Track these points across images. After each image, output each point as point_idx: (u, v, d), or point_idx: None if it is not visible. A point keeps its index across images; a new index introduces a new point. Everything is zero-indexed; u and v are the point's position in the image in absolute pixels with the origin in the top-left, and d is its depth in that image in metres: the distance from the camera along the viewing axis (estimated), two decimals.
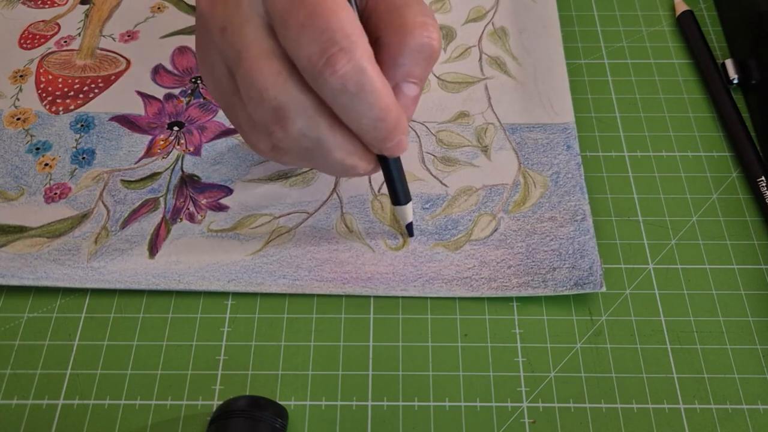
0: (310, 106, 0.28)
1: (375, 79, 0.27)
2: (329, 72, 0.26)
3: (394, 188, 0.33)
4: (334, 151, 0.29)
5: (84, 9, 0.45)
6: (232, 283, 0.34)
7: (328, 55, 0.26)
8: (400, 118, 0.28)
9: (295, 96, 0.27)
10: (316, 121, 0.28)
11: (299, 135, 0.28)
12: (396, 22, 0.29)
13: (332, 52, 0.26)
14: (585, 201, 0.36)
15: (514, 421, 0.31)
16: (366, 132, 0.28)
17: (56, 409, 0.31)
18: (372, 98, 0.27)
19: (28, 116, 0.40)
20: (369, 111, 0.27)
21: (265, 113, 0.28)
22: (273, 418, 0.29)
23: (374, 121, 0.28)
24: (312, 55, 0.26)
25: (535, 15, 0.44)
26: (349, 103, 0.27)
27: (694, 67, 0.43)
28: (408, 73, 0.29)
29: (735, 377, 0.32)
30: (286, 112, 0.27)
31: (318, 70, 0.26)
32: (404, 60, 0.29)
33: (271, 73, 0.27)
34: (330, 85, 0.26)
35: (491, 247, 0.35)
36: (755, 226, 0.36)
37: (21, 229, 0.36)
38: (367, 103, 0.27)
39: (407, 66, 0.29)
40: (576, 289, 0.34)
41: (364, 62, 0.26)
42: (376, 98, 0.27)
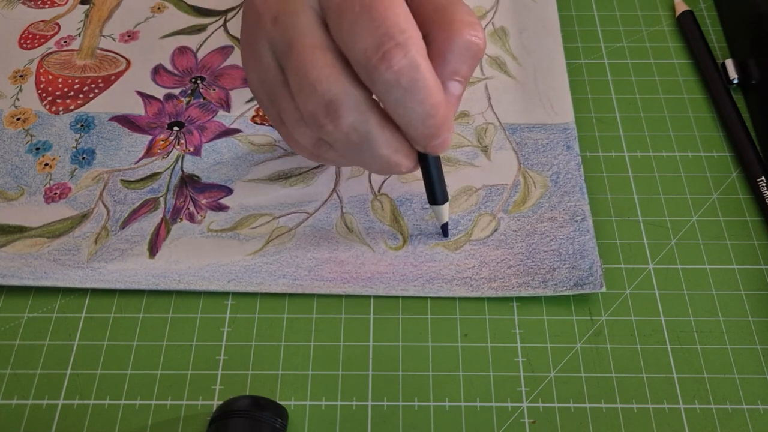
0: (362, 101, 0.28)
1: (428, 76, 0.27)
2: (384, 66, 0.26)
3: (433, 187, 0.33)
4: (381, 147, 0.29)
5: (84, 9, 0.45)
6: (232, 283, 0.34)
7: (384, 50, 0.26)
8: (448, 115, 0.28)
9: (347, 89, 0.27)
10: (367, 116, 0.28)
11: (350, 129, 0.28)
12: (444, 19, 0.29)
13: (388, 47, 0.26)
14: (585, 201, 0.36)
15: (514, 421, 0.31)
16: (414, 128, 0.28)
17: (56, 409, 0.31)
18: (423, 94, 0.27)
19: (28, 116, 0.40)
20: (419, 107, 0.27)
21: (316, 106, 0.28)
22: (273, 418, 0.29)
23: (424, 117, 0.27)
24: (367, 48, 0.26)
25: (535, 15, 0.44)
26: (402, 98, 0.27)
27: (694, 67, 0.43)
28: (454, 70, 0.29)
29: (735, 377, 0.32)
30: (339, 105, 0.27)
31: (373, 64, 0.26)
32: (451, 57, 0.29)
33: (325, 65, 0.27)
34: (384, 80, 0.26)
35: (491, 247, 0.35)
36: (755, 226, 0.36)
37: (21, 229, 0.36)
38: (418, 99, 0.27)
39: (454, 63, 0.29)
40: (576, 290, 0.34)
41: (418, 58, 0.26)
42: (427, 94, 0.27)
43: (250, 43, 0.30)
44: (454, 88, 0.29)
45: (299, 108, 0.28)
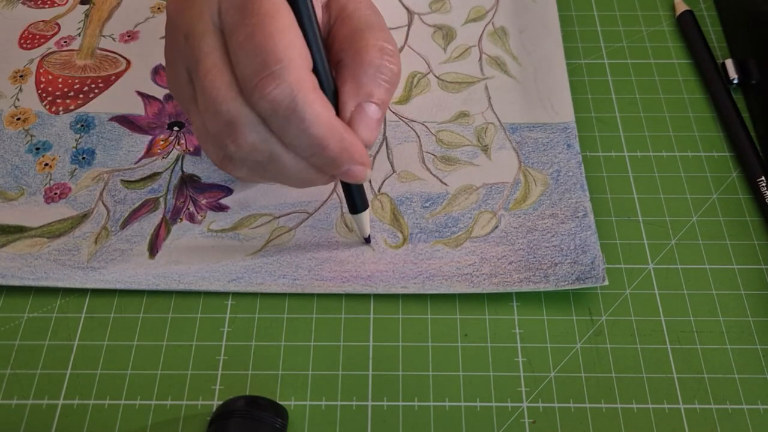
0: (261, 121, 0.28)
1: (308, 106, 0.26)
2: (257, 95, 0.26)
3: (352, 196, 0.33)
4: (288, 165, 0.29)
5: (84, 9, 0.45)
6: (232, 283, 0.34)
7: (258, 79, 0.26)
8: (347, 146, 0.28)
9: (245, 110, 0.27)
10: (267, 136, 0.28)
11: (251, 149, 0.28)
12: (358, 43, 0.29)
13: (262, 76, 0.26)
14: (586, 198, 0.36)
15: (514, 421, 0.31)
16: (306, 157, 0.28)
17: (56, 409, 0.31)
18: (304, 124, 0.27)
19: (28, 116, 0.40)
20: (302, 137, 0.27)
21: (218, 125, 0.28)
22: (273, 418, 0.29)
23: (311, 147, 0.28)
24: (245, 76, 0.26)
25: (535, 15, 0.44)
26: (283, 126, 0.27)
27: (694, 67, 0.43)
28: (369, 93, 0.29)
29: (735, 377, 0.32)
30: (237, 125, 0.27)
31: (250, 92, 0.26)
32: (365, 80, 0.29)
33: (223, 84, 0.27)
34: (261, 108, 0.27)
35: (492, 243, 0.35)
36: (755, 226, 0.36)
37: (21, 229, 0.36)
38: (299, 129, 0.27)
39: (368, 86, 0.29)
40: (578, 284, 0.33)
41: (295, 87, 0.26)
42: (308, 125, 0.27)
43: (169, 58, 0.30)
44: (370, 111, 0.29)
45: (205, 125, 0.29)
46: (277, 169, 0.29)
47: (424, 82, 0.41)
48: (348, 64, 0.29)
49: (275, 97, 0.26)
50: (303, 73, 0.27)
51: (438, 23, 0.44)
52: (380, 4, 0.32)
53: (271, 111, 0.26)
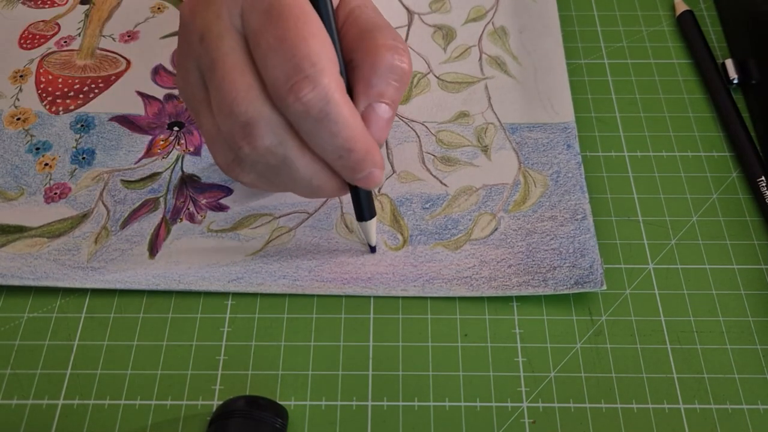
0: (279, 124, 0.28)
1: (340, 109, 0.27)
2: (292, 98, 0.26)
3: (360, 204, 0.33)
4: (300, 170, 0.29)
5: (84, 9, 0.45)
6: (232, 283, 0.34)
7: (292, 82, 0.26)
8: (370, 150, 0.28)
9: (265, 112, 0.27)
10: (284, 139, 0.28)
11: (266, 151, 0.28)
12: (368, 44, 0.29)
13: (297, 79, 0.26)
14: (585, 200, 0.36)
15: (514, 421, 0.31)
16: (332, 161, 0.28)
17: (56, 409, 0.31)
18: (336, 127, 0.27)
19: (28, 116, 0.40)
20: (333, 139, 0.27)
21: (233, 126, 0.28)
22: (273, 418, 0.29)
23: (339, 149, 0.28)
24: (277, 79, 0.26)
25: (535, 15, 0.44)
26: (314, 130, 0.27)
27: (694, 67, 0.43)
28: (380, 93, 0.29)
29: (735, 377, 0.32)
30: (254, 127, 0.27)
31: (282, 95, 0.26)
32: (376, 80, 0.29)
33: (243, 86, 0.27)
34: (294, 111, 0.26)
35: (491, 246, 0.35)
36: (755, 226, 0.36)
37: (21, 229, 0.36)
38: (330, 132, 0.27)
39: (379, 86, 0.29)
40: (576, 288, 0.34)
41: (329, 91, 0.26)
42: (340, 128, 0.27)
43: (180, 59, 0.30)
44: (381, 111, 0.29)
45: (219, 126, 0.28)
46: (289, 174, 0.29)
47: (424, 82, 0.41)
48: (359, 65, 0.29)
49: (310, 100, 0.26)
50: (335, 76, 0.27)
51: (438, 23, 0.44)
52: (380, 4, 0.32)
53: (304, 114, 0.26)
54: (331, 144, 0.27)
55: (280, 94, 0.26)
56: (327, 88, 0.26)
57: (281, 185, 0.31)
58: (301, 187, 0.30)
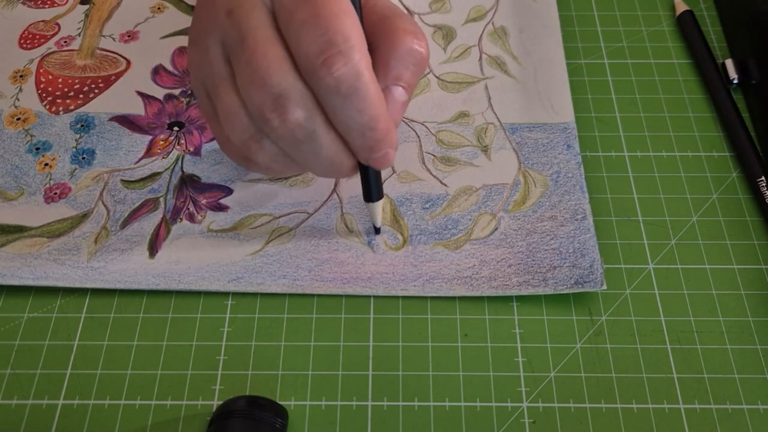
0: (310, 98, 0.28)
1: (369, 86, 0.27)
2: (325, 71, 0.26)
3: (369, 185, 0.33)
4: (325, 146, 0.29)
5: (84, 9, 0.45)
6: (232, 283, 0.34)
7: (326, 56, 0.26)
8: (390, 130, 0.29)
9: (296, 85, 0.28)
10: (313, 114, 0.28)
11: (295, 125, 0.28)
12: (388, 28, 0.30)
13: (331, 53, 0.26)
14: (585, 200, 0.36)
15: (514, 421, 0.31)
16: (354, 138, 0.29)
17: (56, 409, 0.31)
18: (363, 104, 0.27)
19: (28, 116, 0.40)
20: (359, 116, 0.28)
21: (264, 98, 0.28)
22: (273, 418, 0.29)
23: (363, 127, 0.28)
24: (310, 53, 0.27)
25: (535, 15, 0.44)
26: (341, 105, 0.27)
27: (694, 67, 0.43)
28: (398, 76, 0.30)
29: (735, 377, 0.32)
30: (287, 99, 0.28)
31: (315, 69, 0.27)
32: (395, 63, 0.30)
33: (275, 59, 0.27)
34: (325, 85, 0.27)
35: (491, 246, 0.35)
36: (755, 226, 0.36)
37: (21, 229, 0.36)
38: (357, 108, 0.27)
39: (397, 69, 0.30)
40: (576, 288, 0.33)
41: (360, 67, 0.27)
42: (367, 105, 0.27)
43: (201, 35, 0.30)
44: (398, 94, 0.30)
45: (245, 101, 0.29)
46: (312, 150, 0.29)
47: (424, 82, 0.41)
48: (378, 47, 0.30)
49: (342, 74, 0.26)
50: (365, 53, 0.27)
51: (438, 23, 0.44)
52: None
53: (335, 88, 0.27)
54: (356, 121, 0.28)
55: (312, 67, 0.27)
56: (359, 65, 0.27)
57: (298, 163, 0.31)
58: (319, 164, 0.30)
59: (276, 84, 0.27)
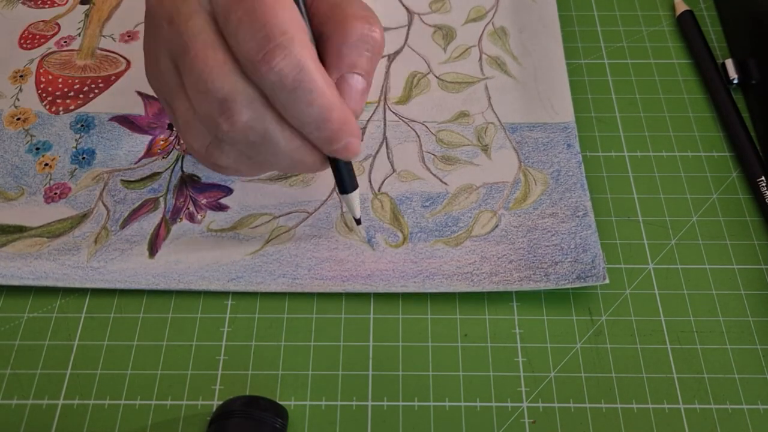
0: (256, 98, 0.27)
1: (315, 77, 0.27)
2: (265, 68, 0.26)
3: (341, 177, 0.32)
4: (281, 144, 0.29)
5: (84, 9, 0.45)
6: (232, 282, 0.34)
7: (264, 51, 0.26)
8: (347, 119, 0.28)
9: (241, 87, 0.27)
10: (262, 114, 0.28)
11: (245, 127, 0.28)
12: (339, 15, 0.29)
13: (268, 48, 0.26)
14: (586, 197, 0.36)
15: (514, 421, 0.31)
16: (310, 132, 0.28)
17: (56, 409, 0.31)
18: (311, 96, 0.27)
19: (28, 116, 0.40)
20: (309, 108, 0.27)
21: (211, 105, 0.27)
22: (273, 418, 0.29)
23: (316, 120, 0.27)
24: (249, 50, 0.26)
25: (535, 15, 0.44)
26: (289, 99, 0.27)
27: (694, 67, 0.43)
28: (352, 63, 0.29)
29: (735, 377, 0.32)
30: (232, 103, 0.27)
31: (255, 66, 0.26)
32: (347, 50, 0.29)
33: (217, 63, 0.27)
34: (268, 81, 0.26)
35: (492, 242, 0.35)
36: (755, 226, 0.36)
37: (21, 229, 0.36)
38: (305, 101, 0.27)
39: (350, 57, 0.29)
40: (579, 282, 0.33)
41: (302, 58, 0.26)
42: (315, 96, 0.27)
43: (149, 46, 0.30)
44: (353, 81, 0.29)
45: (195, 108, 0.28)
46: (269, 149, 0.29)
47: (424, 82, 0.41)
48: (329, 36, 0.29)
49: (283, 68, 0.26)
50: (306, 43, 0.27)
51: (438, 23, 0.44)
52: (380, 4, 0.32)
53: (278, 83, 0.26)
54: (307, 114, 0.27)
55: (253, 65, 0.26)
56: (299, 55, 0.26)
57: (263, 163, 0.30)
58: (282, 162, 0.30)
59: (219, 88, 0.27)
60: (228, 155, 0.30)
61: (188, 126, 0.29)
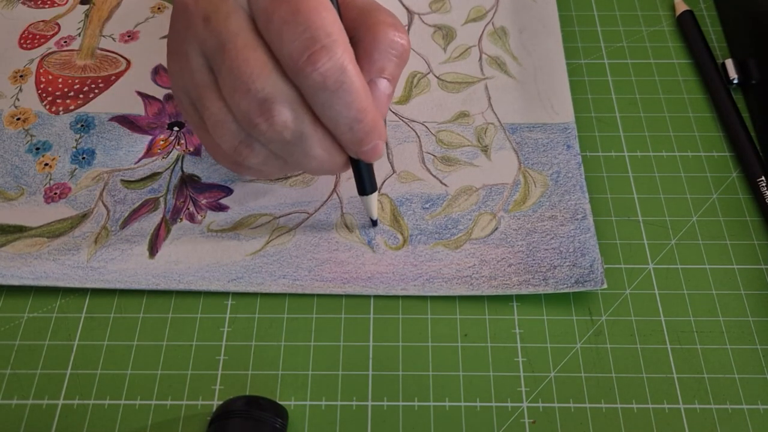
0: (295, 99, 0.28)
1: (355, 79, 0.27)
2: (310, 68, 0.26)
3: (362, 178, 0.33)
4: (315, 146, 0.29)
5: (84, 9, 0.45)
6: (232, 283, 0.34)
7: (309, 52, 0.26)
8: (378, 122, 0.29)
9: (281, 87, 0.27)
10: (300, 114, 0.28)
11: (283, 127, 0.28)
12: (369, 21, 0.30)
13: (314, 50, 0.26)
14: (585, 200, 0.36)
15: (514, 421, 0.31)
16: (342, 132, 0.29)
17: (56, 409, 0.31)
18: (350, 97, 0.27)
19: (28, 116, 0.40)
20: (346, 110, 0.28)
21: (250, 104, 0.28)
22: (273, 418, 0.29)
23: (351, 121, 0.28)
24: (293, 51, 0.26)
25: (535, 15, 0.44)
26: (328, 100, 0.27)
27: (694, 67, 0.43)
28: (381, 68, 0.30)
29: (735, 377, 0.32)
30: (273, 102, 0.28)
31: (300, 66, 0.26)
32: (377, 55, 0.30)
33: (258, 63, 0.27)
34: (310, 82, 0.27)
35: (491, 245, 0.35)
36: (755, 226, 0.36)
37: (21, 229, 0.36)
38: (345, 102, 0.27)
39: (380, 62, 0.30)
40: (577, 287, 0.33)
41: (344, 61, 0.27)
42: (354, 98, 0.27)
43: (179, 44, 0.30)
44: (382, 86, 0.30)
45: (231, 108, 0.28)
46: (302, 150, 0.29)
47: (424, 82, 0.41)
48: (360, 40, 0.30)
49: (327, 69, 0.26)
50: (348, 47, 0.27)
51: (438, 23, 0.44)
52: (380, 4, 0.32)
53: (321, 84, 0.27)
54: (344, 115, 0.28)
55: (296, 66, 0.27)
56: (342, 58, 0.27)
57: (291, 164, 0.31)
58: (311, 162, 0.30)
59: (261, 89, 0.27)
60: (258, 155, 0.30)
61: (220, 125, 0.29)
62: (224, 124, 0.29)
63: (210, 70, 0.29)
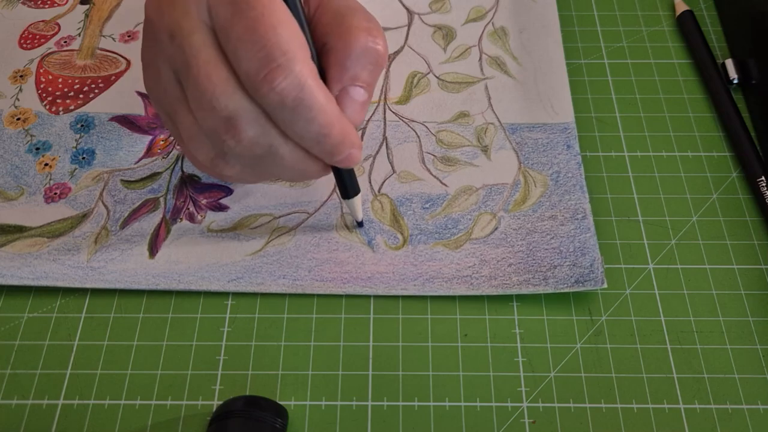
0: (261, 114, 0.27)
1: (315, 94, 0.27)
2: (267, 88, 0.26)
3: (343, 182, 0.33)
4: (286, 157, 0.29)
5: (84, 9, 0.45)
6: (232, 283, 0.34)
7: (265, 72, 0.26)
8: (347, 132, 0.28)
9: (245, 104, 0.27)
10: (267, 129, 0.28)
11: (251, 143, 0.28)
12: (342, 27, 0.29)
13: (269, 69, 0.26)
14: (585, 200, 0.36)
15: (514, 421, 0.31)
16: (311, 146, 0.28)
17: (56, 409, 0.31)
18: (311, 113, 0.27)
19: (28, 116, 0.40)
20: (309, 126, 0.27)
21: (215, 122, 0.27)
22: (273, 418, 0.29)
23: (317, 135, 0.28)
24: (250, 70, 0.26)
25: (535, 15, 0.44)
26: (290, 118, 0.27)
27: (694, 67, 0.43)
28: (354, 76, 0.29)
29: (735, 377, 0.32)
30: (237, 120, 0.27)
31: (256, 86, 0.26)
32: (350, 63, 0.29)
33: (220, 80, 0.27)
34: (269, 101, 0.26)
35: (491, 245, 0.35)
36: (755, 226, 0.36)
37: (21, 229, 0.36)
38: (306, 118, 0.27)
39: (353, 70, 0.29)
40: (577, 287, 0.33)
41: (302, 78, 0.26)
42: (315, 113, 0.27)
43: (149, 59, 0.30)
44: (355, 94, 0.29)
45: (199, 123, 0.28)
46: (274, 162, 0.29)
47: (424, 82, 0.41)
48: (332, 48, 0.29)
49: (284, 88, 0.26)
50: (307, 62, 0.27)
51: (438, 23, 0.44)
52: (380, 4, 0.32)
53: (279, 103, 0.26)
54: (308, 130, 0.27)
55: (254, 85, 0.26)
56: (300, 75, 0.26)
57: (268, 174, 0.31)
58: (287, 173, 0.30)
59: (224, 107, 0.27)
60: (233, 167, 0.30)
61: (192, 139, 0.29)
62: (197, 138, 0.29)
63: (180, 86, 0.29)
